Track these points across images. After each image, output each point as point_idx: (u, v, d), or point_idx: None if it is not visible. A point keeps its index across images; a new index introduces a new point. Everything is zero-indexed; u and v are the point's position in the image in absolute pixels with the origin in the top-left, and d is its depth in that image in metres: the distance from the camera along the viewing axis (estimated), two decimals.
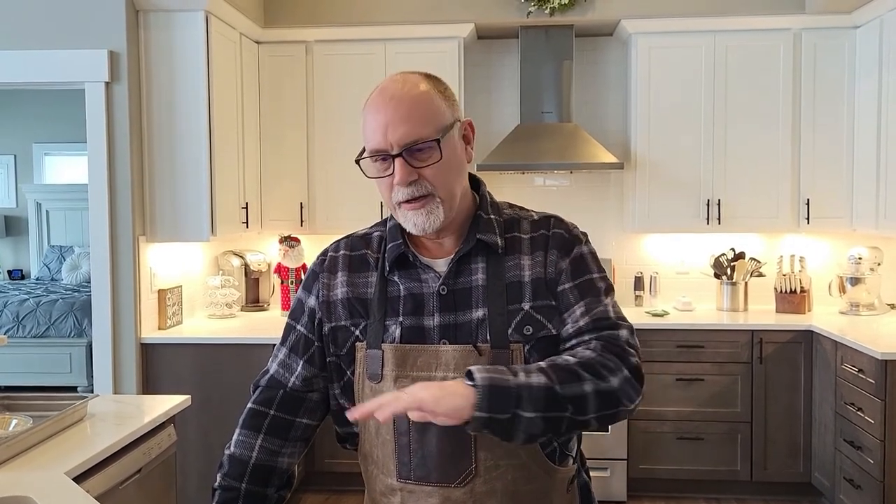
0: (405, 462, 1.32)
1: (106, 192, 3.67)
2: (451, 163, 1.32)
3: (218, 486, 1.41)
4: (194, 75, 3.78)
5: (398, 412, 1.13)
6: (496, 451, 1.28)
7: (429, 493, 1.30)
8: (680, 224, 4.38)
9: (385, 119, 1.28)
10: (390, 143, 1.27)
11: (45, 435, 2.17)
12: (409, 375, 1.31)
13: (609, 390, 1.22)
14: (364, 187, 4.37)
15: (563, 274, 1.35)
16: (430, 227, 1.31)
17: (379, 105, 1.30)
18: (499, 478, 1.29)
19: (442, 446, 1.29)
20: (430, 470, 1.30)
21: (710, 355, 4.07)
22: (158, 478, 2.46)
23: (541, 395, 1.16)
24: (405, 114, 1.28)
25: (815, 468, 3.99)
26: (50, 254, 7.80)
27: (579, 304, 1.33)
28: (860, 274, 4.20)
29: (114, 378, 3.71)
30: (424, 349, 1.31)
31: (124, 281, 3.70)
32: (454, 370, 1.29)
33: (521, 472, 1.30)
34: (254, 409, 1.44)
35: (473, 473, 1.29)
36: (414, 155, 1.28)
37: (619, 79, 4.67)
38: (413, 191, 1.29)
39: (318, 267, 1.45)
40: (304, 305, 1.44)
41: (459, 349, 1.29)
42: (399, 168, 1.28)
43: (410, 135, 1.27)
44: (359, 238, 1.46)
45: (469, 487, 1.29)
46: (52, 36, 3.68)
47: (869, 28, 4.05)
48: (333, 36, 4.38)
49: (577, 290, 1.34)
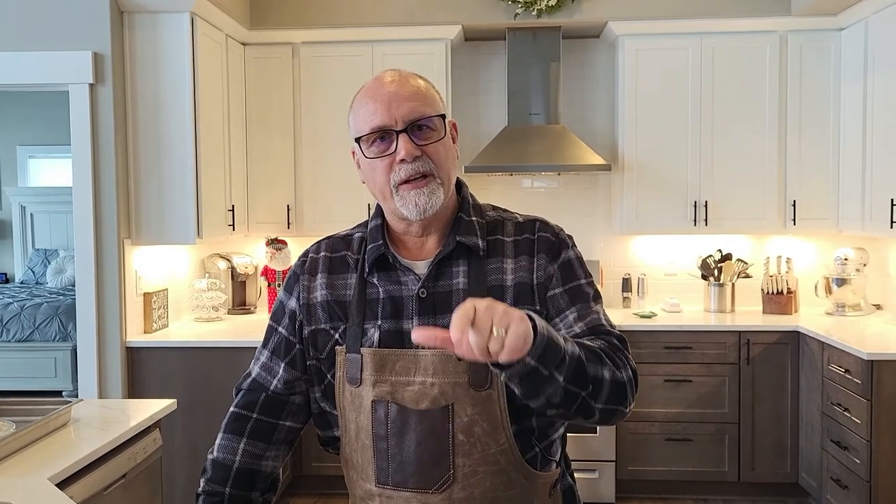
0: (383, 467, 1.30)
1: (91, 195, 3.64)
2: (449, 146, 1.35)
3: (202, 491, 1.40)
4: (180, 77, 3.75)
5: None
6: (474, 457, 1.27)
7: (406, 498, 1.29)
8: (667, 225, 4.39)
9: (388, 98, 1.29)
10: (395, 118, 1.28)
11: (29, 440, 2.14)
12: (387, 380, 1.29)
13: (621, 382, 1.22)
14: (351, 189, 4.39)
15: (553, 279, 1.34)
16: (430, 208, 1.30)
17: (377, 88, 1.31)
18: (477, 484, 1.28)
19: (420, 452, 1.28)
20: (408, 476, 1.29)
21: (698, 356, 4.07)
22: (144, 483, 2.43)
23: (573, 365, 1.14)
24: (408, 93, 1.30)
25: (802, 469, 4.01)
26: (35, 257, 7.74)
27: (571, 310, 1.33)
28: (846, 275, 4.22)
29: (99, 382, 3.68)
30: (403, 354, 1.30)
31: (109, 284, 3.67)
32: (433, 374, 1.27)
33: (499, 479, 1.29)
34: (236, 412, 1.43)
35: (451, 480, 1.27)
36: (417, 133, 1.29)
37: (606, 81, 4.67)
38: (416, 167, 1.28)
39: (299, 268, 1.44)
40: (285, 307, 1.43)
41: (438, 354, 1.28)
42: (404, 142, 1.28)
43: (416, 110, 1.29)
44: (339, 239, 1.45)
45: (447, 493, 1.28)
46: (36, 37, 3.64)
47: (854, 30, 4.08)
48: (320, 38, 4.36)
49: (568, 296, 1.34)
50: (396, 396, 1.29)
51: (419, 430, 1.27)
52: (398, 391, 1.29)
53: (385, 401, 1.29)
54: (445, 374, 1.27)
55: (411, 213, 1.30)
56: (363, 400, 1.31)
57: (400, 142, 1.28)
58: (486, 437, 1.27)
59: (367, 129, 1.30)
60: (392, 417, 1.29)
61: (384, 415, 1.29)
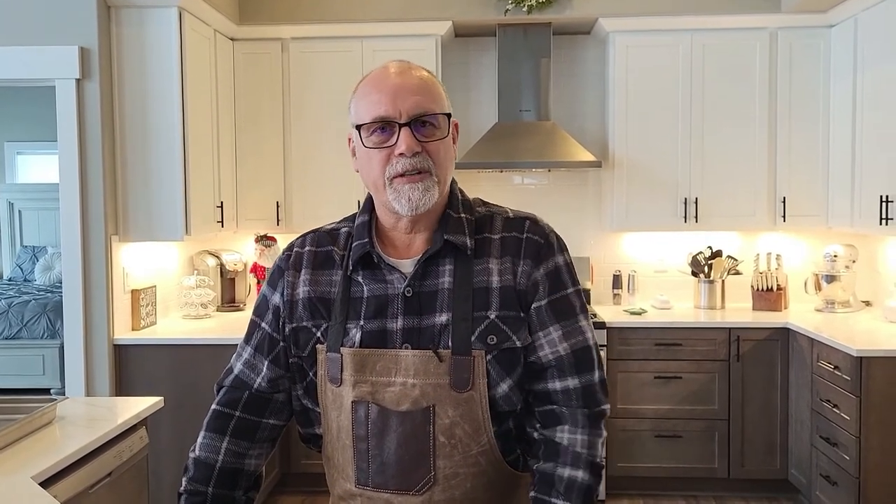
0: (363, 468, 1.29)
1: (77, 191, 3.60)
2: (449, 147, 1.32)
3: (184, 490, 1.37)
4: (167, 72, 3.72)
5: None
6: (455, 459, 1.26)
7: (387, 499, 1.28)
8: (658, 222, 4.38)
9: (394, 89, 1.27)
10: (399, 110, 1.26)
11: (12, 439, 2.12)
12: (368, 380, 1.28)
13: (588, 487, 1.27)
14: (342, 185, 4.37)
15: (539, 288, 1.31)
16: (423, 204, 1.27)
17: (385, 78, 1.29)
18: (458, 486, 1.27)
19: (401, 454, 1.26)
20: (389, 477, 1.27)
21: (688, 353, 4.08)
22: (130, 481, 2.41)
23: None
24: (415, 87, 1.28)
25: (791, 465, 4.02)
26: (23, 254, 7.68)
27: (555, 327, 1.31)
28: (836, 271, 4.23)
29: (86, 380, 3.65)
30: (383, 354, 1.28)
31: (96, 281, 3.64)
32: (414, 375, 1.26)
33: (480, 480, 1.27)
34: (218, 410, 1.40)
35: (432, 481, 1.26)
36: (419, 129, 1.27)
37: (596, 77, 4.67)
38: (414, 163, 1.26)
39: (284, 263, 1.41)
40: (269, 303, 1.40)
41: (420, 354, 1.26)
42: (406, 136, 1.25)
43: (421, 105, 1.27)
44: (326, 233, 1.42)
45: (428, 495, 1.26)
46: (22, 32, 3.60)
47: (844, 27, 4.08)
48: (310, 33, 4.34)
49: (553, 310, 1.31)
50: (377, 397, 1.27)
51: (400, 431, 1.26)
52: (379, 392, 1.27)
53: (365, 401, 1.27)
54: (427, 376, 1.25)
55: (403, 208, 1.27)
56: (344, 400, 1.29)
57: (402, 135, 1.25)
58: (467, 438, 1.26)
59: (368, 118, 1.28)
60: (372, 418, 1.27)
61: (364, 415, 1.27)
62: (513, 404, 1.29)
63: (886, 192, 3.63)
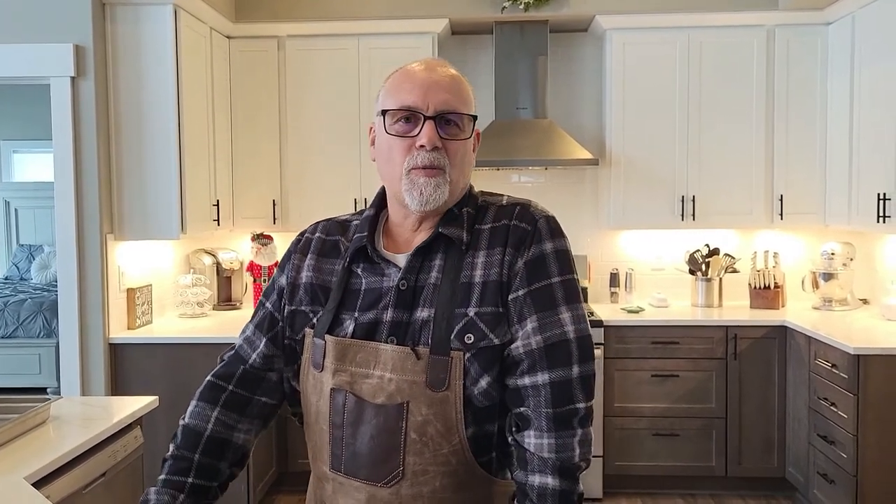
0: (337, 454, 1.30)
1: (72, 190, 3.59)
2: (468, 150, 1.34)
3: (170, 455, 1.38)
4: (163, 70, 3.71)
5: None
6: (426, 456, 1.25)
7: (357, 488, 1.29)
8: (655, 220, 4.38)
9: (427, 82, 1.29)
10: (427, 103, 1.28)
11: (5, 439, 2.10)
12: (347, 370, 1.29)
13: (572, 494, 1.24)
14: (339, 183, 4.36)
15: (518, 278, 1.27)
16: (434, 201, 1.28)
17: (419, 71, 1.31)
18: (426, 483, 1.26)
19: (372, 446, 1.27)
20: (359, 466, 1.28)
21: (685, 351, 4.07)
22: (124, 481, 2.40)
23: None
24: (448, 85, 1.30)
25: (789, 463, 4.01)
26: (19, 253, 7.66)
27: (531, 318, 1.25)
28: (833, 269, 4.22)
29: (82, 379, 3.63)
30: (364, 346, 1.28)
31: (92, 280, 3.63)
32: (391, 370, 1.26)
33: (450, 479, 1.26)
34: (213, 381, 1.43)
35: (401, 476, 1.26)
36: (443, 126, 1.29)
37: (594, 75, 4.66)
38: (432, 158, 1.27)
39: (293, 246, 1.45)
40: (276, 284, 1.44)
41: (399, 350, 1.26)
42: (429, 129, 1.27)
43: (449, 103, 1.29)
44: (337, 224, 1.45)
45: (395, 489, 1.26)
46: (16, 29, 3.59)
47: (841, 24, 4.07)
48: (306, 31, 4.33)
49: (531, 300, 1.26)
50: (355, 387, 1.28)
51: (374, 423, 1.26)
52: (357, 382, 1.28)
53: (344, 390, 1.29)
54: (404, 372, 1.25)
55: (413, 202, 1.28)
56: (324, 386, 1.31)
57: (425, 127, 1.27)
58: (438, 437, 1.25)
59: (395, 105, 1.29)
60: (349, 407, 1.28)
61: (342, 404, 1.29)
62: (493, 398, 1.27)
63: (884, 190, 3.62)
